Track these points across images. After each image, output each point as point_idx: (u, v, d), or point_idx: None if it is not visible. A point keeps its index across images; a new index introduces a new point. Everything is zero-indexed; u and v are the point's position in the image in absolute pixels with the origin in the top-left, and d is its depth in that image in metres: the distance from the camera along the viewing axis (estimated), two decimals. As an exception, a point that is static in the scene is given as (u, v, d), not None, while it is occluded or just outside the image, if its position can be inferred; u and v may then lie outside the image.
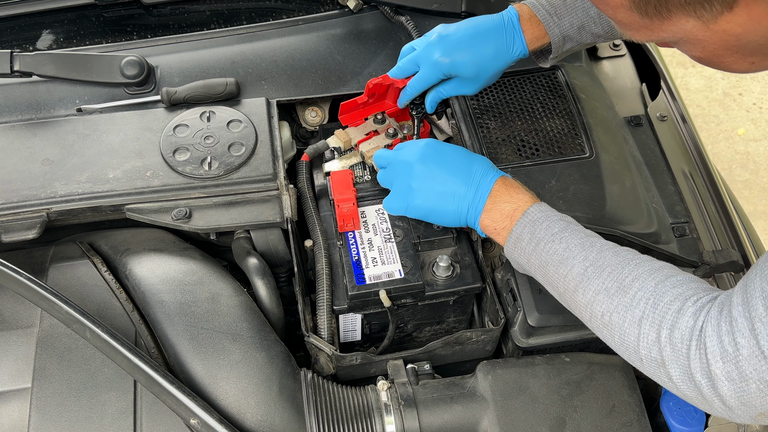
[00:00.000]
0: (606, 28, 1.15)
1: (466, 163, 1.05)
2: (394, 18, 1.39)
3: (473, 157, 1.07)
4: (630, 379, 1.03)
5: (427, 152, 1.08)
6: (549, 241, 0.94)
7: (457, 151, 1.09)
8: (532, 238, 0.95)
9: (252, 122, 1.26)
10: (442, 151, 1.09)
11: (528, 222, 0.97)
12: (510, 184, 1.03)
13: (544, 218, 0.96)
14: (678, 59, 3.37)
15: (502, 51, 1.15)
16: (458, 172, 1.05)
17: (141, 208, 1.15)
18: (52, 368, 0.99)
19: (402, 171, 1.10)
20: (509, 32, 1.14)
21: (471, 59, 1.14)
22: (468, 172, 1.04)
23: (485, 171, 1.04)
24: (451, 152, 1.08)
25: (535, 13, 1.14)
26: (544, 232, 0.95)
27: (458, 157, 1.07)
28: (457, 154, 1.08)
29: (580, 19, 1.14)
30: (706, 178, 1.26)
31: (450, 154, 1.08)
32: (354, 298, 1.10)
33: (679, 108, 1.35)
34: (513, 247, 0.99)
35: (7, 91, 1.31)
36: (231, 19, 1.47)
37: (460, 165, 1.05)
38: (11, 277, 0.97)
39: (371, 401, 1.01)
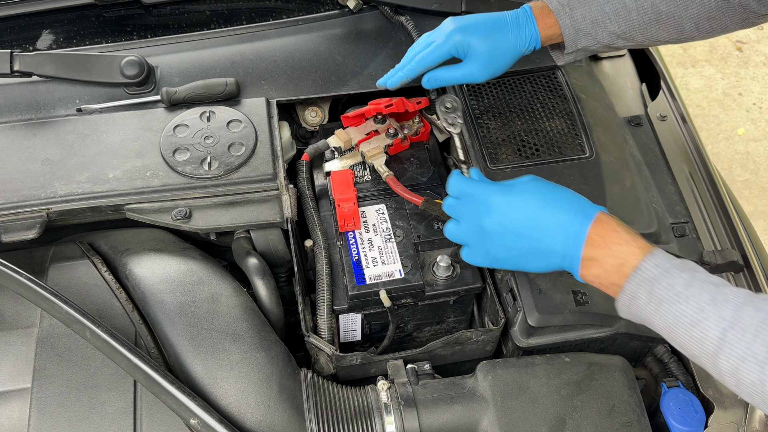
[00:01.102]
0: (624, 27, 1.10)
1: (547, 211, 0.90)
2: (394, 18, 1.39)
3: (555, 199, 0.92)
4: (630, 379, 1.03)
5: (507, 191, 0.94)
6: (673, 302, 0.81)
7: (537, 193, 0.93)
8: (651, 299, 0.83)
9: (252, 122, 1.26)
10: (525, 189, 0.94)
11: (643, 281, 0.84)
12: (608, 230, 0.88)
13: (662, 274, 0.83)
14: (678, 59, 3.37)
15: (516, 40, 1.10)
16: (541, 224, 0.90)
17: (141, 208, 1.15)
18: (52, 368, 0.99)
19: (475, 208, 0.96)
20: (523, 22, 1.10)
21: (485, 42, 1.08)
22: (550, 224, 0.89)
23: (573, 216, 0.89)
24: (532, 195, 0.93)
25: (548, 3, 1.12)
26: (666, 291, 0.82)
27: (538, 202, 0.92)
28: (536, 197, 0.92)
29: (593, 13, 1.10)
30: (706, 178, 1.26)
31: (530, 198, 0.92)
32: (354, 298, 1.10)
33: (679, 108, 1.35)
34: (627, 306, 0.87)
35: (7, 91, 1.31)
36: (231, 19, 1.47)
37: (541, 214, 0.91)
38: (11, 277, 0.97)
39: (371, 401, 1.01)
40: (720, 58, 3.37)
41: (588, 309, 1.07)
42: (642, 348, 1.14)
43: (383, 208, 1.20)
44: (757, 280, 1.12)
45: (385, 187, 1.24)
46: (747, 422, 1.04)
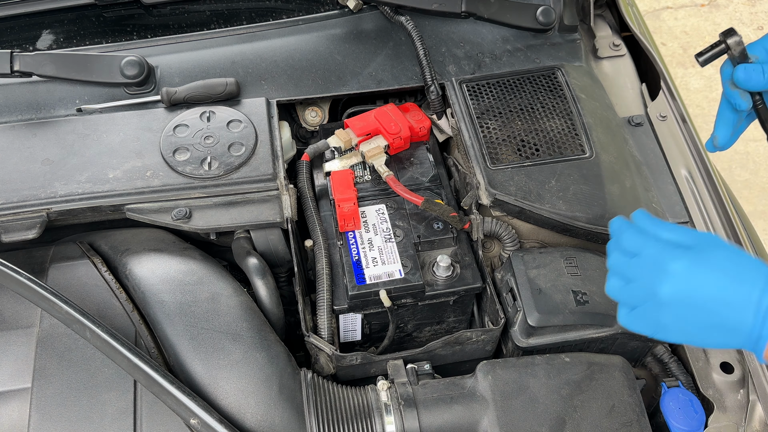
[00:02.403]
0: None
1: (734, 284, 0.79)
2: (394, 18, 1.39)
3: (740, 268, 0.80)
4: (630, 379, 1.03)
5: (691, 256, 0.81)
6: None
7: (727, 260, 0.80)
8: None
9: (252, 122, 1.26)
10: (711, 256, 0.81)
11: None
12: None
13: None
14: (678, 59, 3.37)
15: None
16: (731, 294, 0.78)
17: (141, 208, 1.15)
18: (52, 368, 0.99)
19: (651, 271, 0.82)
20: None
21: None
22: (746, 296, 0.78)
23: (763, 291, 0.77)
24: (723, 260, 0.80)
25: None
26: None
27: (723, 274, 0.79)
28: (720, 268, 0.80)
29: None
30: (706, 178, 1.26)
31: (721, 263, 0.80)
32: (354, 298, 1.10)
33: (679, 108, 1.35)
34: None
35: (7, 91, 1.31)
36: (231, 19, 1.47)
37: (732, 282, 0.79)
38: (11, 277, 0.97)
39: (371, 401, 1.01)
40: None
41: (588, 309, 1.07)
42: (642, 348, 1.14)
43: (383, 208, 1.20)
44: (757, 280, 1.12)
45: (385, 187, 1.24)
46: (747, 422, 1.04)
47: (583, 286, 1.10)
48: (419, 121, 1.31)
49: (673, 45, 3.43)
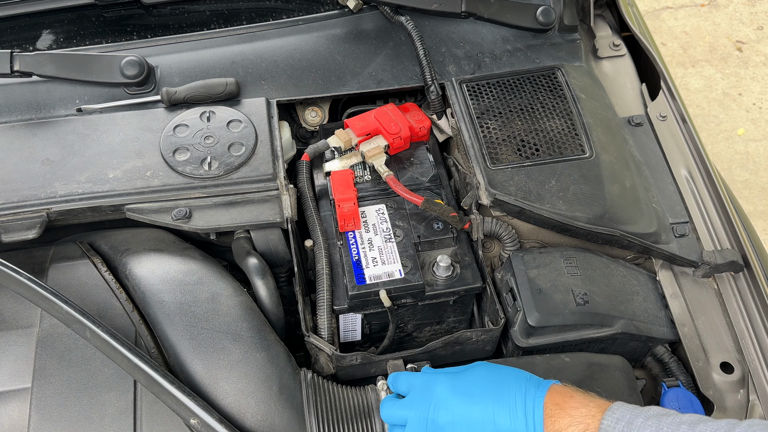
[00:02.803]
0: None
1: (498, 392, 0.85)
2: (394, 18, 1.39)
3: (501, 377, 0.87)
4: (630, 379, 1.03)
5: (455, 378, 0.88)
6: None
7: (487, 374, 0.88)
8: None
9: (252, 122, 1.26)
10: (472, 375, 0.89)
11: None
12: (562, 398, 0.84)
13: (626, 427, 0.79)
14: (678, 59, 3.37)
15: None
16: (497, 402, 0.84)
17: (141, 208, 1.15)
18: (52, 368, 0.99)
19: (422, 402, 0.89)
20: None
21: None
22: (504, 406, 0.84)
23: (525, 391, 0.85)
24: (483, 375, 0.88)
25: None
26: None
27: (487, 386, 0.87)
28: (483, 381, 0.87)
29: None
30: (706, 178, 1.26)
31: (482, 378, 0.87)
32: (354, 298, 1.10)
33: (679, 108, 1.35)
34: None
35: (7, 91, 1.31)
36: (231, 19, 1.47)
37: (493, 397, 0.85)
38: (11, 277, 0.97)
39: (371, 401, 1.01)
40: (720, 59, 3.37)
41: (588, 309, 1.07)
42: (642, 348, 1.14)
43: (383, 208, 1.20)
44: (757, 280, 1.13)
45: (385, 187, 1.24)
46: (747, 422, 1.04)
47: (583, 286, 1.10)
48: (419, 121, 1.31)
49: (673, 45, 3.43)
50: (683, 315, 1.13)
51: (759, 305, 1.11)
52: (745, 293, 1.14)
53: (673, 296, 1.15)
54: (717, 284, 1.17)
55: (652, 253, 1.17)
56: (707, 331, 1.12)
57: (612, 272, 1.14)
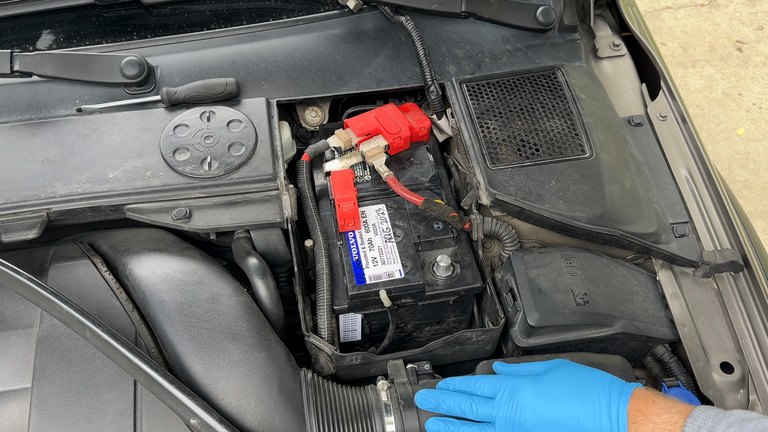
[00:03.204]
0: None
1: (583, 396, 0.87)
2: (394, 18, 1.39)
3: (587, 380, 0.89)
4: (630, 379, 1.03)
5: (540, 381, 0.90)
6: None
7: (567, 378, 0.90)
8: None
9: (252, 122, 1.26)
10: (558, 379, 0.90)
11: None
12: (645, 404, 0.86)
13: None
14: (678, 59, 3.38)
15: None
16: (579, 411, 0.87)
17: (141, 208, 1.15)
18: (52, 368, 0.99)
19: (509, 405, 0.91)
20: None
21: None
22: (589, 409, 0.87)
23: (609, 395, 0.87)
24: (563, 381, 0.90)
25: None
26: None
27: (572, 388, 0.89)
28: (568, 383, 0.89)
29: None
30: (706, 178, 1.26)
31: (563, 385, 0.89)
32: (354, 298, 1.10)
33: (679, 108, 1.35)
34: None
35: (7, 91, 1.31)
36: (231, 19, 1.47)
37: (577, 400, 0.87)
38: (11, 277, 0.97)
39: (371, 401, 1.01)
40: (720, 58, 3.37)
41: (588, 309, 1.07)
42: (642, 348, 1.14)
43: (383, 208, 1.20)
44: (757, 280, 1.13)
45: (385, 187, 1.24)
46: (747, 422, 1.03)
47: (583, 286, 1.10)
48: (419, 121, 1.31)
49: (673, 45, 3.43)
50: (683, 315, 1.13)
51: (759, 305, 1.11)
52: (745, 293, 1.14)
53: (673, 296, 1.15)
54: (717, 284, 1.17)
55: (652, 253, 1.17)
56: (707, 331, 1.12)
57: (612, 272, 1.14)
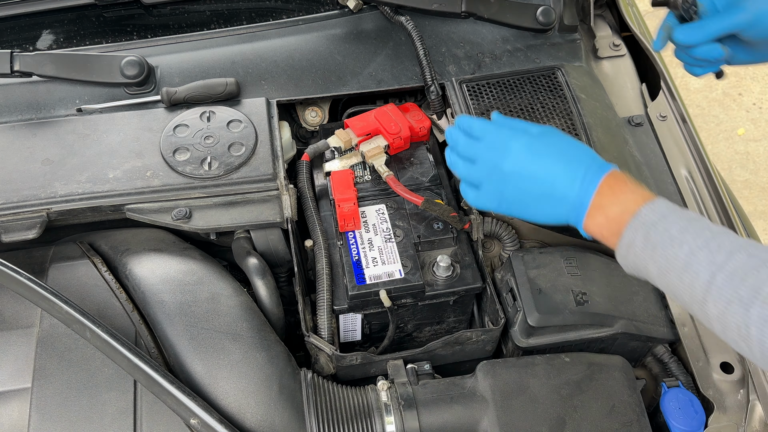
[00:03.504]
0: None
1: (567, 158, 0.92)
2: (394, 18, 1.39)
3: (574, 148, 0.93)
4: (630, 379, 1.03)
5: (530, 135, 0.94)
6: (667, 246, 0.81)
7: (557, 140, 0.94)
8: (647, 244, 0.83)
9: (252, 122, 1.26)
10: (548, 138, 0.95)
11: (640, 225, 0.84)
12: (618, 181, 0.89)
13: (660, 219, 0.83)
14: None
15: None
16: (557, 170, 0.91)
17: (141, 208, 1.15)
18: (52, 368, 0.99)
19: (495, 149, 0.95)
20: None
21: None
22: (568, 170, 0.91)
23: (588, 165, 0.91)
24: (553, 141, 0.94)
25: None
26: (661, 236, 0.82)
27: (559, 148, 0.93)
28: (558, 143, 0.94)
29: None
30: (706, 178, 1.26)
31: (552, 144, 0.94)
32: (354, 298, 1.10)
33: (679, 108, 1.35)
34: (625, 254, 0.86)
35: (7, 91, 1.31)
36: (231, 19, 1.47)
37: (561, 159, 0.92)
38: (11, 277, 0.97)
39: (371, 401, 1.01)
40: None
41: (588, 309, 1.07)
42: (642, 348, 1.14)
43: (383, 208, 1.20)
44: (757, 280, 1.12)
45: (385, 187, 1.24)
46: (747, 422, 1.04)
47: (583, 286, 1.10)
48: (419, 121, 1.31)
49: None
50: (683, 315, 1.13)
51: (759, 305, 1.10)
52: (745, 293, 1.13)
53: (673, 296, 1.15)
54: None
55: (652, 253, 1.17)
56: (707, 331, 1.11)
57: (612, 272, 1.14)
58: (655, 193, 0.88)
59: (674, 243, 0.80)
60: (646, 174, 1.25)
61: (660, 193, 1.22)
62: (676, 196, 1.24)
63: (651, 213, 0.84)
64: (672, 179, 1.26)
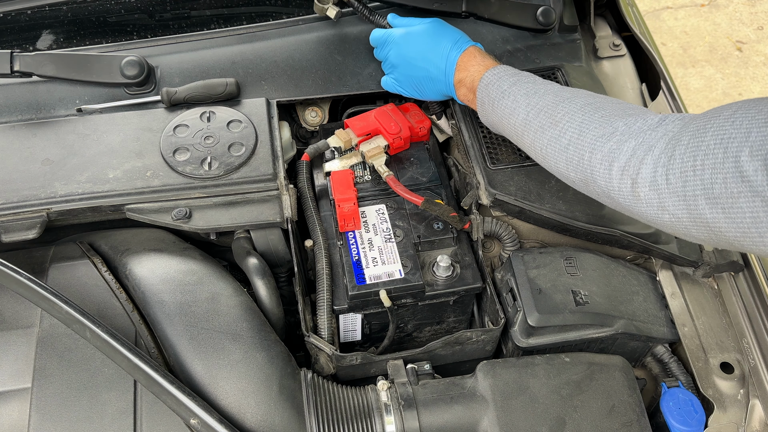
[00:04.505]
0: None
1: (433, 45, 1.17)
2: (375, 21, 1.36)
3: (440, 36, 1.18)
4: (630, 379, 1.03)
5: (405, 38, 1.22)
6: (500, 98, 1.06)
7: (427, 32, 1.20)
8: (488, 100, 1.08)
9: (252, 122, 1.26)
10: (420, 30, 1.21)
11: (483, 87, 1.09)
12: (470, 57, 1.14)
13: (496, 80, 1.08)
14: (678, 59, 3.38)
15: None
16: (428, 56, 1.18)
17: (141, 208, 1.15)
18: (52, 368, 0.99)
19: (386, 47, 1.27)
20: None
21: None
22: (435, 55, 1.17)
23: (450, 48, 1.16)
24: (423, 34, 1.20)
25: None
26: (496, 92, 1.07)
27: (428, 39, 1.19)
28: (427, 35, 1.19)
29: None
30: (706, 178, 1.25)
31: (422, 36, 1.20)
32: (354, 298, 1.10)
33: (679, 108, 1.35)
34: (481, 113, 1.12)
35: (7, 91, 1.31)
36: (231, 19, 1.47)
37: (429, 47, 1.18)
38: (11, 277, 0.97)
39: (371, 401, 1.01)
40: (720, 59, 3.38)
41: (588, 309, 1.07)
42: (642, 348, 1.14)
43: (383, 208, 1.20)
44: (757, 280, 1.12)
45: (385, 187, 1.24)
46: (747, 422, 1.04)
47: (583, 286, 1.10)
48: (419, 121, 1.31)
49: (673, 45, 3.43)
50: (683, 315, 1.13)
51: (759, 305, 1.11)
52: (745, 293, 1.14)
53: (673, 296, 1.15)
54: (717, 284, 1.17)
55: (652, 253, 1.17)
56: (707, 331, 1.12)
57: (612, 272, 1.14)
58: (500, 63, 1.12)
59: (505, 95, 1.06)
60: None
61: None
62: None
63: (490, 75, 1.09)
64: (672, 179, 1.26)
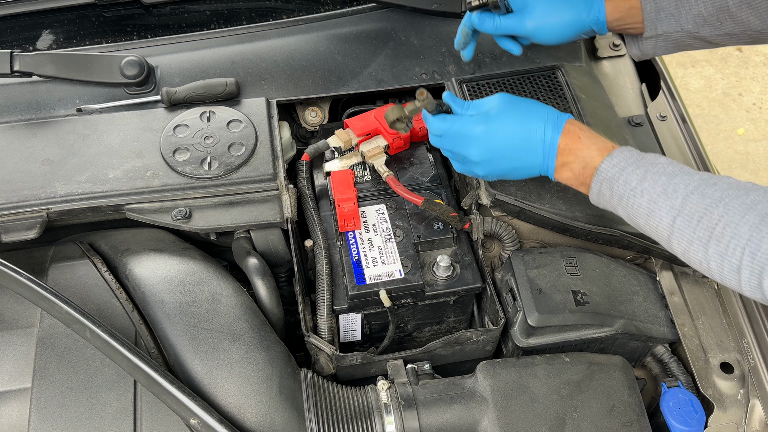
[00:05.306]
0: (711, 8, 1.09)
1: (525, 134, 1.01)
2: None
3: (527, 119, 1.02)
4: (630, 379, 1.03)
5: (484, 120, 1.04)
6: (630, 197, 0.92)
7: (511, 118, 1.03)
8: (612, 194, 0.95)
9: (252, 122, 1.26)
10: (499, 114, 1.03)
11: (604, 180, 0.95)
12: (574, 139, 0.99)
13: (619, 173, 0.94)
14: (678, 59, 3.38)
15: (579, 11, 1.13)
16: (523, 145, 1.02)
17: (141, 208, 1.15)
18: (52, 368, 0.99)
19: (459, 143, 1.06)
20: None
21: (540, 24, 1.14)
22: (530, 143, 1.01)
23: (544, 131, 1.00)
24: (508, 122, 1.03)
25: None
26: (623, 188, 0.93)
27: (516, 127, 1.02)
28: (513, 123, 1.02)
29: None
30: (706, 178, 1.25)
31: (508, 126, 1.02)
32: (354, 298, 1.10)
33: (679, 108, 1.35)
34: (597, 201, 0.99)
35: (7, 91, 1.31)
36: (231, 19, 1.47)
37: (520, 137, 1.01)
38: (11, 277, 0.97)
39: (371, 401, 1.01)
40: (720, 59, 3.38)
41: (588, 309, 1.07)
42: (642, 348, 1.14)
43: (383, 208, 1.20)
44: (757, 280, 1.12)
45: (385, 187, 1.24)
46: (747, 422, 1.04)
47: (583, 286, 1.10)
48: (419, 122, 1.31)
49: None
50: (683, 315, 1.13)
51: (759, 305, 1.11)
52: (745, 293, 1.13)
53: (673, 296, 1.15)
54: (717, 284, 1.17)
55: (652, 253, 1.17)
56: (707, 331, 1.12)
57: (612, 272, 1.14)
58: (610, 142, 0.99)
59: (635, 193, 0.92)
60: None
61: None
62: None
63: (611, 168, 0.95)
64: (672, 179, 1.26)
